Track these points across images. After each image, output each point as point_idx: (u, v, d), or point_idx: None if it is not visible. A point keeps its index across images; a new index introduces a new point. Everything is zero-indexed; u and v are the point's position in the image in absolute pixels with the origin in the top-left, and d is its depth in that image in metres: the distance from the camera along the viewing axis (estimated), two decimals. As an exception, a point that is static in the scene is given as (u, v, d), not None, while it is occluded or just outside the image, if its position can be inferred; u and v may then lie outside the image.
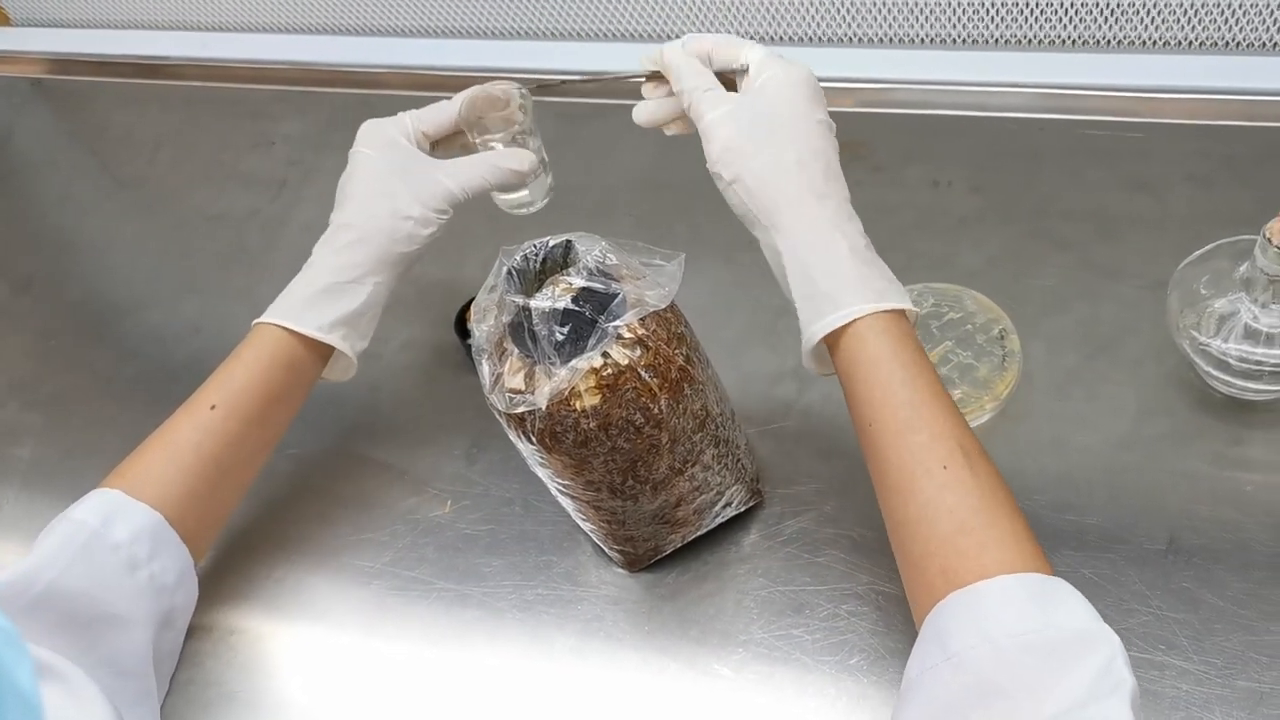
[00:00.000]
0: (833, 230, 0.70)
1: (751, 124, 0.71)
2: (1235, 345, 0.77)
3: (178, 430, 0.79)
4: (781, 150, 0.70)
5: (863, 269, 0.68)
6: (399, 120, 0.89)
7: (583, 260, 0.65)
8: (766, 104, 0.71)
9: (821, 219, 0.70)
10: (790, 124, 0.71)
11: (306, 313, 0.81)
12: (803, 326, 0.70)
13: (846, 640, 0.75)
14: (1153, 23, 1.01)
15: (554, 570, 0.83)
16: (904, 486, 0.64)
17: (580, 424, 0.65)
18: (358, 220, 0.83)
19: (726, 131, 0.71)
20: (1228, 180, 0.94)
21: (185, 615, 0.79)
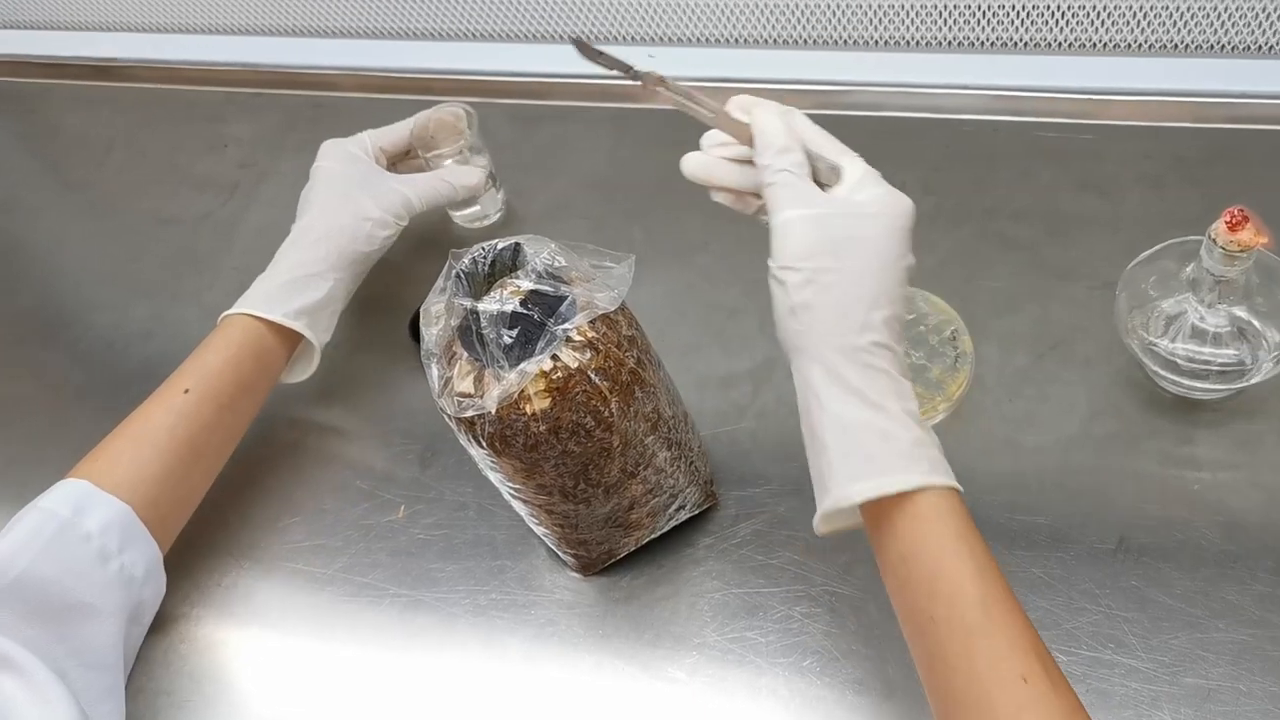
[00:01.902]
0: (891, 383, 0.61)
1: (838, 241, 0.61)
2: (1183, 345, 0.78)
3: (150, 416, 0.80)
4: (861, 282, 0.61)
5: (918, 432, 0.60)
6: (358, 138, 0.96)
7: (531, 263, 0.65)
8: (861, 226, 0.62)
9: (879, 368, 0.60)
10: (879, 257, 0.61)
11: (273, 302, 0.85)
12: (830, 482, 0.61)
13: (800, 642, 0.75)
14: (1104, 25, 1.02)
15: (508, 575, 0.83)
16: (975, 700, 0.55)
17: (530, 427, 0.65)
18: (320, 222, 0.89)
19: (810, 238, 0.61)
20: (1177, 181, 0.94)
21: (151, 610, 0.79)
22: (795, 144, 0.64)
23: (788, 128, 0.65)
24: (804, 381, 0.62)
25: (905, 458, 0.58)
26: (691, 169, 0.70)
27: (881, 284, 0.61)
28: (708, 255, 0.99)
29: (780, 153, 0.64)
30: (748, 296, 0.95)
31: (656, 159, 1.07)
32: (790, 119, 0.66)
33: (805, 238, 0.61)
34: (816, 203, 0.62)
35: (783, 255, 0.61)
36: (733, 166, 0.68)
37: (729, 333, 0.93)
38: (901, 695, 0.72)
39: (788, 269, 0.61)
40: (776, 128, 0.65)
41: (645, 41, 1.16)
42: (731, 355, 0.92)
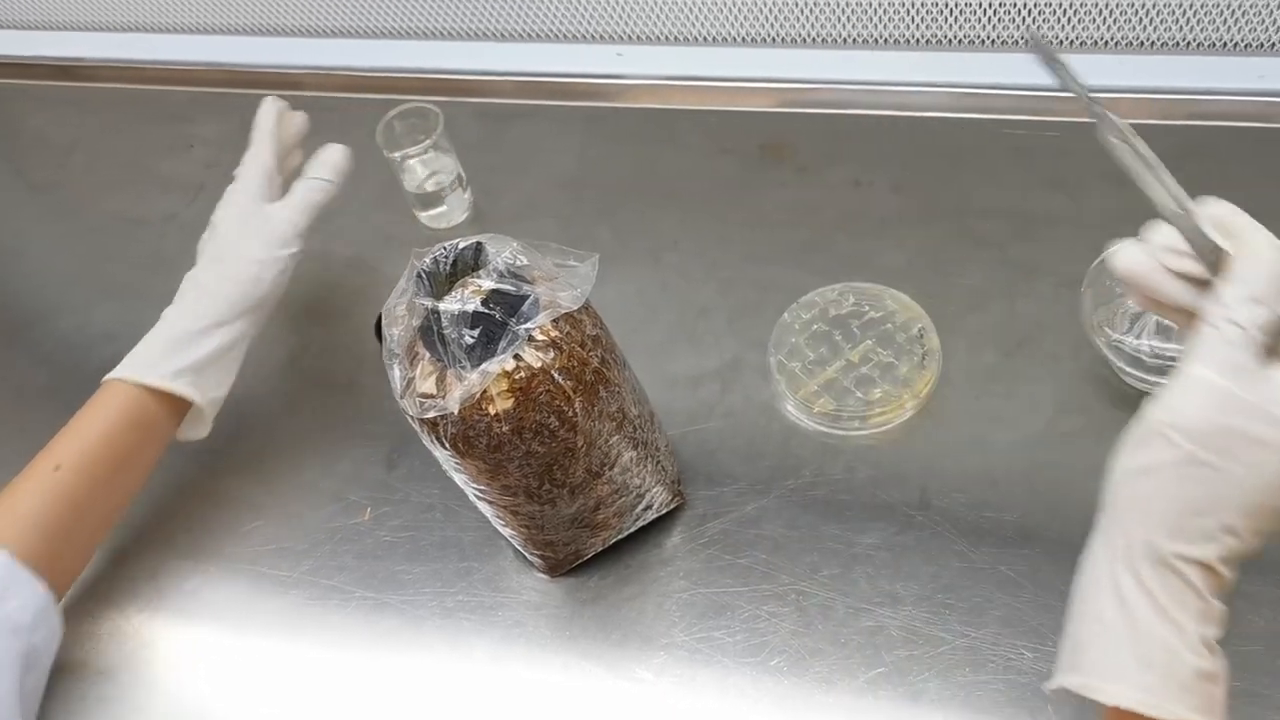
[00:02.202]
0: (1199, 604, 0.52)
1: (1235, 436, 0.49)
2: (1147, 341, 0.78)
3: (18, 494, 0.76)
4: (1229, 493, 0.50)
5: (1207, 664, 0.52)
6: (245, 172, 0.91)
7: (492, 262, 0.64)
8: (1273, 436, 0.49)
9: (1194, 586, 0.51)
10: (1266, 480, 0.50)
11: (152, 364, 0.81)
12: (1085, 662, 0.54)
13: (767, 641, 0.75)
14: (1070, 23, 1.02)
15: (474, 576, 0.82)
16: None
17: (493, 428, 0.64)
18: (202, 274, 0.86)
19: (1207, 415, 0.50)
20: (1142, 178, 0.95)
21: (48, 655, 0.76)
22: (1275, 298, 0.50)
23: (1276, 275, 0.50)
24: (1107, 546, 0.53)
25: (1182, 687, 0.51)
26: (1126, 267, 0.56)
27: (1250, 509, 0.50)
28: (678, 254, 0.99)
29: (1249, 302, 0.49)
30: (718, 295, 0.95)
31: (626, 157, 1.08)
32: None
33: (1202, 412, 0.50)
34: (1244, 383, 0.49)
35: (1170, 412, 0.51)
36: (1177, 283, 0.54)
37: (699, 331, 0.93)
38: (869, 695, 0.72)
39: (1168, 428, 0.50)
40: (1265, 271, 0.50)
41: (613, 40, 1.16)
42: (701, 354, 0.91)
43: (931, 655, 0.73)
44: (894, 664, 0.73)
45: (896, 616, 0.75)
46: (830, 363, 0.86)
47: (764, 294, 0.93)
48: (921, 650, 0.73)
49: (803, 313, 0.90)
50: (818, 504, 0.81)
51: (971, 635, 0.73)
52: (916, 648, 0.73)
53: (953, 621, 0.74)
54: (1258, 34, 0.99)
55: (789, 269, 0.95)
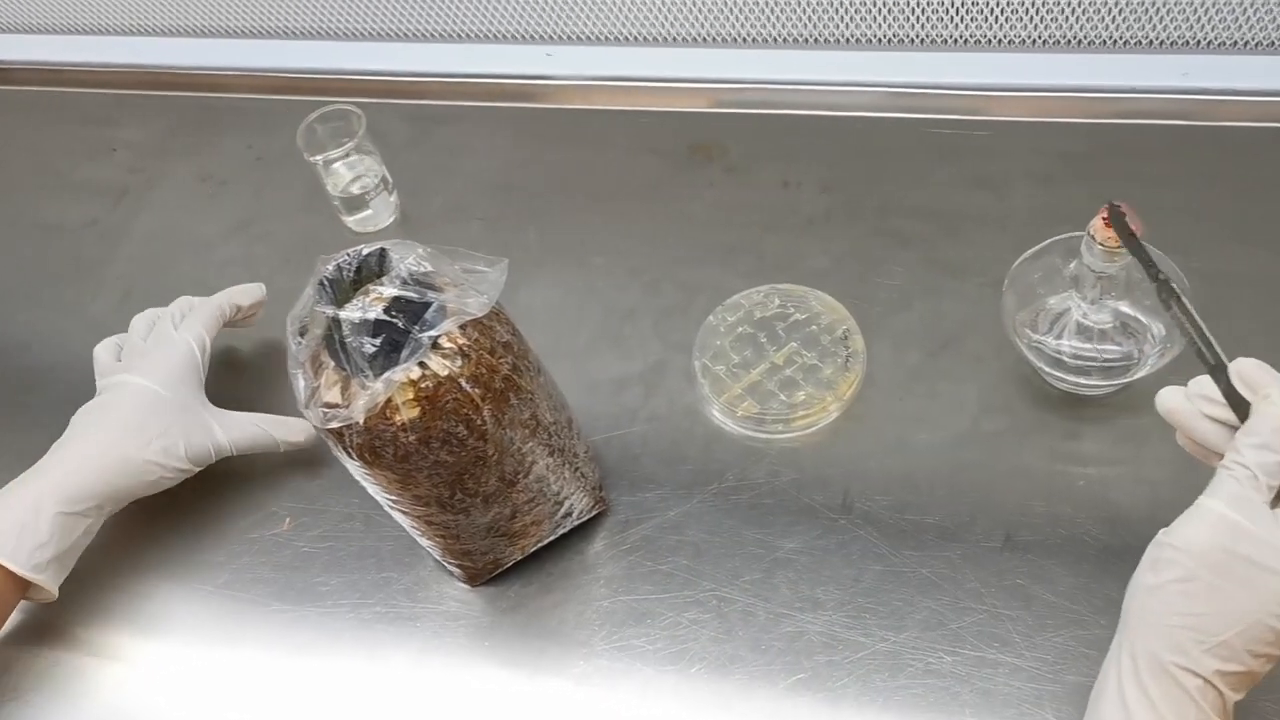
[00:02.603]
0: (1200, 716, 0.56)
1: (1236, 563, 0.54)
2: (1068, 342, 0.78)
3: None
4: (1226, 615, 0.55)
5: None
6: (187, 343, 0.85)
7: (396, 269, 0.63)
8: (1272, 563, 0.54)
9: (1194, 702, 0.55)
10: (1263, 605, 0.54)
11: (23, 544, 0.74)
12: None
13: (688, 649, 0.74)
14: (997, 21, 1.02)
15: (394, 587, 0.81)
16: None
17: (399, 438, 0.63)
18: (111, 456, 0.79)
19: (1211, 540, 0.55)
20: (1066, 176, 0.95)
21: None
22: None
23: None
24: (1117, 656, 0.58)
25: None
26: (1168, 407, 0.61)
27: (1244, 630, 0.54)
28: (605, 256, 0.98)
29: (1258, 448, 0.55)
30: (644, 297, 0.94)
31: (554, 159, 1.07)
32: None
33: (1208, 536, 0.55)
34: (1248, 514, 0.55)
35: (1176, 535, 0.56)
36: (1209, 425, 0.59)
37: (624, 335, 0.92)
38: (789, 701, 0.71)
39: (1175, 550, 0.56)
40: (1275, 423, 0.55)
41: (542, 40, 1.15)
42: (625, 358, 0.90)
43: (851, 660, 0.72)
44: (814, 670, 0.72)
45: (817, 621, 0.74)
46: (755, 365, 0.86)
47: (691, 296, 0.93)
48: (841, 655, 0.72)
49: (728, 315, 0.89)
50: (740, 508, 0.80)
51: (892, 639, 0.73)
52: (836, 653, 0.73)
53: (873, 626, 0.73)
54: (1183, 32, 0.99)
55: (716, 270, 0.94)
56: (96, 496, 0.78)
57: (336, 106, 0.98)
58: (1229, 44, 0.99)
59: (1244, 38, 0.98)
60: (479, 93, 1.14)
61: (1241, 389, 0.58)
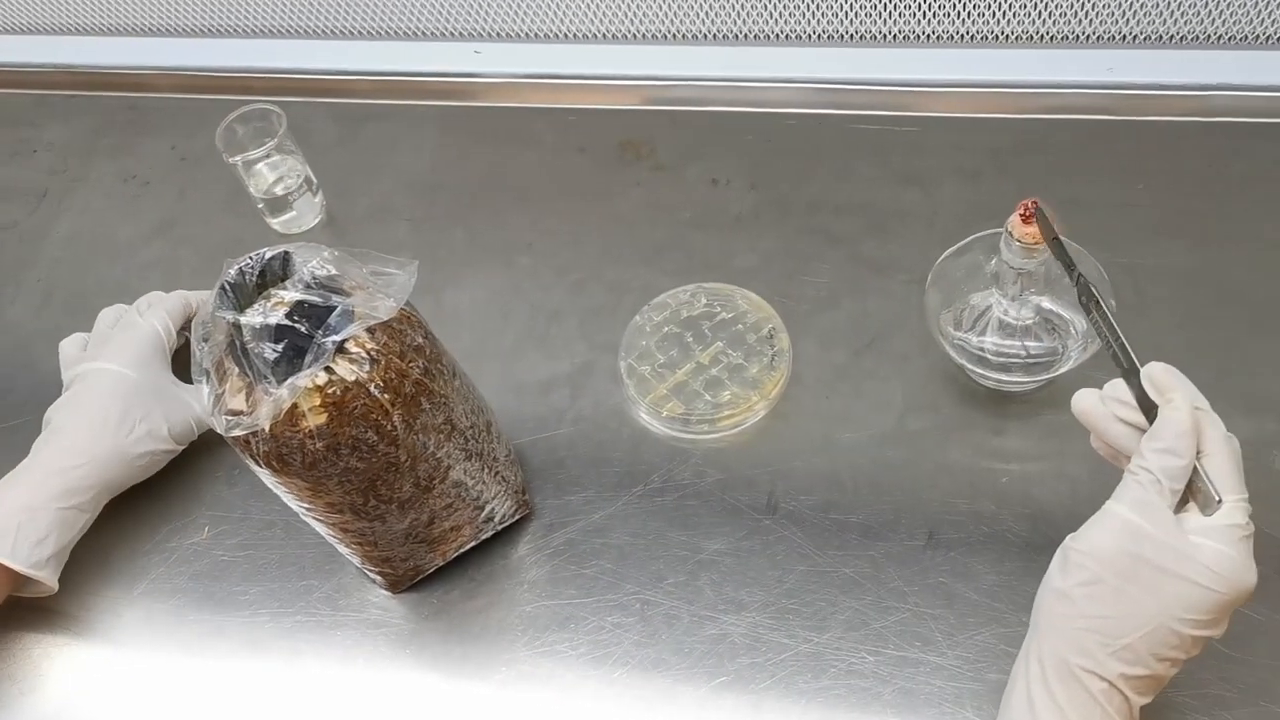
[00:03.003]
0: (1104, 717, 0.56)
1: (1140, 565, 0.55)
2: (991, 339, 0.78)
3: None
4: (1133, 617, 0.55)
5: None
6: (150, 325, 0.84)
7: (299, 272, 0.62)
8: (1175, 566, 0.54)
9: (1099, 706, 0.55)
10: (1168, 606, 0.54)
11: (21, 541, 0.74)
12: None
13: (610, 653, 0.74)
14: (925, 17, 1.02)
15: (314, 595, 0.79)
16: None
17: (307, 445, 0.62)
18: (101, 448, 0.79)
19: (1115, 545, 0.55)
20: (993, 172, 0.95)
21: None
22: (1186, 452, 0.55)
23: (1188, 432, 0.55)
24: (1026, 660, 0.58)
25: None
26: (1080, 409, 0.61)
27: (1148, 633, 0.54)
28: (531, 256, 0.97)
29: (1161, 453, 0.55)
30: (571, 297, 0.93)
31: (482, 157, 1.06)
32: (1204, 425, 0.56)
33: (1112, 540, 0.55)
34: (1151, 518, 0.55)
35: (1082, 540, 0.57)
36: (1120, 428, 0.59)
37: (550, 336, 0.91)
38: (712, 705, 0.71)
39: (1081, 554, 0.56)
40: (1178, 428, 0.55)
41: (470, 37, 1.14)
42: (552, 359, 0.89)
43: (774, 662, 0.72)
44: (737, 672, 0.72)
45: (741, 623, 0.73)
46: (680, 365, 0.85)
47: (618, 296, 0.92)
48: (764, 657, 0.72)
49: (654, 314, 0.88)
50: (666, 510, 0.79)
51: (814, 640, 0.72)
52: (759, 654, 0.72)
53: (796, 627, 0.73)
54: (1107, 26, 0.99)
55: (643, 270, 0.93)
56: (92, 489, 0.78)
57: (256, 106, 0.97)
58: (1154, 38, 0.99)
59: (1169, 32, 0.98)
60: (407, 91, 1.13)
61: (1151, 393, 0.58)
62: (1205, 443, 0.56)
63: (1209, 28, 0.97)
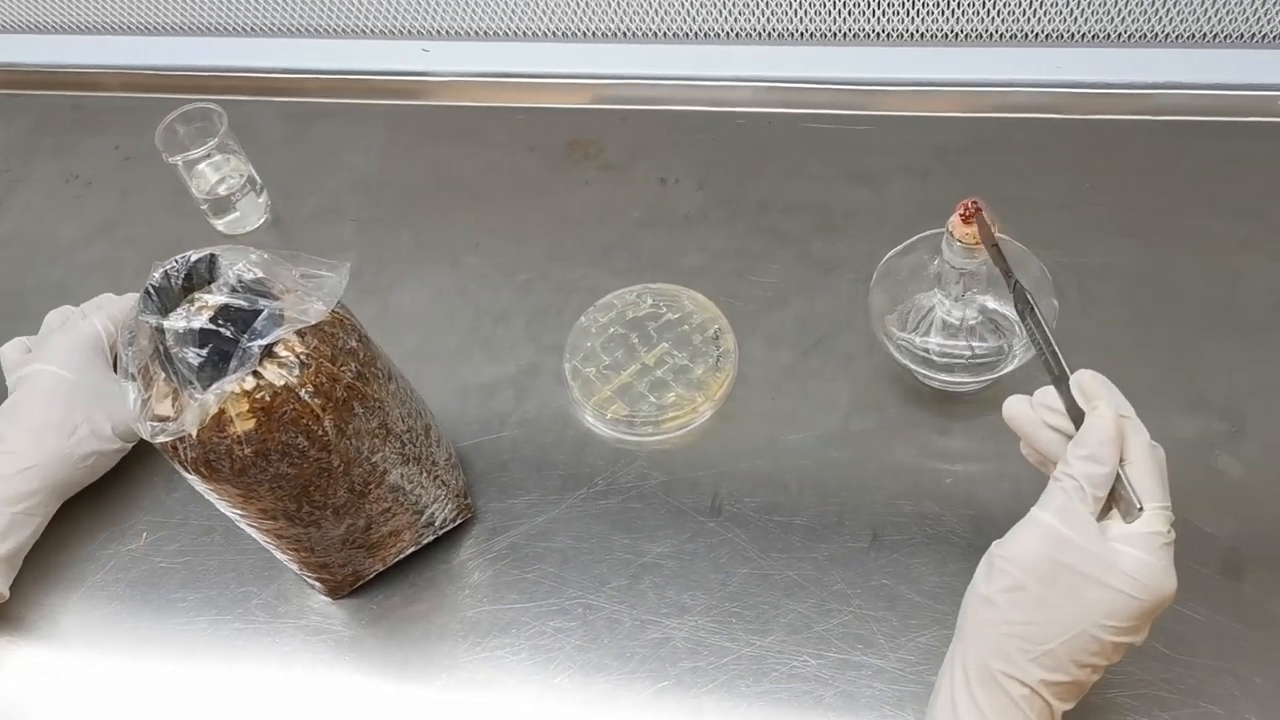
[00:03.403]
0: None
1: (1061, 571, 0.54)
2: (934, 339, 0.78)
3: None
4: (1054, 624, 0.55)
5: None
6: (92, 322, 0.83)
7: (224, 275, 0.60)
8: (1097, 573, 0.54)
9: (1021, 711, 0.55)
10: (1089, 614, 0.54)
11: None
12: None
13: (552, 658, 0.73)
14: (875, 16, 1.02)
15: (252, 602, 0.78)
16: None
17: (235, 451, 0.61)
18: (45, 451, 0.78)
19: (1039, 551, 0.55)
20: (942, 171, 0.95)
21: None
22: (1109, 459, 0.55)
23: (1113, 439, 0.55)
24: (951, 664, 0.58)
25: None
26: (1010, 415, 0.61)
27: (1070, 639, 0.54)
28: (478, 256, 0.96)
29: (1085, 460, 0.55)
30: (517, 298, 0.92)
31: (430, 157, 1.05)
32: (1129, 433, 0.56)
33: (1035, 547, 0.55)
34: (1073, 525, 0.55)
35: (1008, 546, 0.56)
36: (1049, 434, 0.59)
37: (496, 337, 0.90)
38: (653, 710, 0.70)
39: (1005, 560, 0.56)
40: (1102, 435, 0.55)
41: (419, 35, 1.13)
42: (497, 360, 0.88)
43: (716, 666, 0.71)
44: (678, 677, 0.71)
45: (683, 627, 0.73)
46: (625, 367, 0.84)
47: (565, 296, 0.91)
48: (706, 661, 0.71)
49: (600, 315, 0.87)
50: (610, 513, 0.79)
51: (757, 643, 0.71)
52: (702, 659, 0.71)
53: (739, 630, 0.72)
54: (1056, 25, 0.99)
55: (590, 270, 0.92)
56: (39, 493, 0.77)
57: (197, 105, 0.95)
58: (1102, 37, 0.99)
59: (1116, 30, 0.98)
60: (355, 89, 1.11)
61: (1079, 400, 0.58)
62: (1129, 450, 0.56)
63: (1156, 26, 0.97)
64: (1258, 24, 0.96)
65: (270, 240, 1.00)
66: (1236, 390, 0.79)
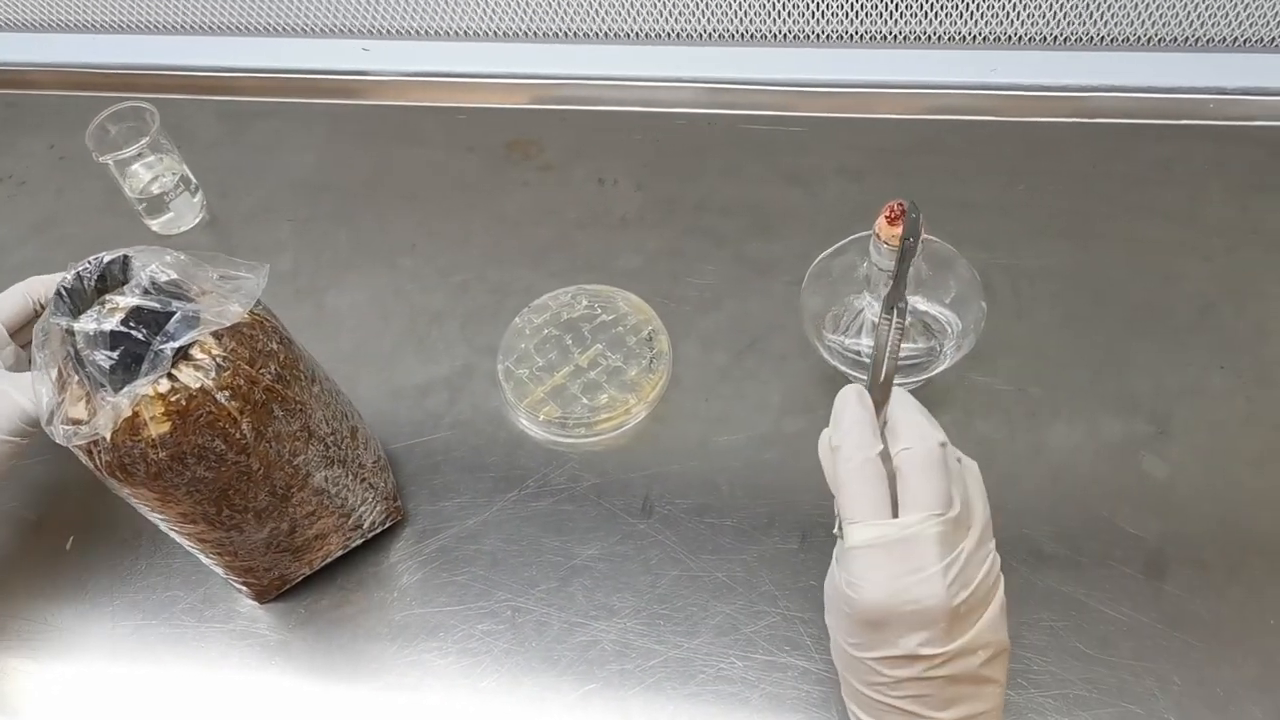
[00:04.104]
0: None
1: (831, 593, 0.58)
2: (865, 341, 0.78)
3: None
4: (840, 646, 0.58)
5: None
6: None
7: (137, 276, 0.60)
8: (836, 594, 0.57)
9: None
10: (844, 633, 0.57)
11: None
12: None
13: (480, 662, 0.72)
14: (816, 16, 1.02)
15: (179, 606, 0.77)
16: None
17: (149, 455, 0.60)
18: None
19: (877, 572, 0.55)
20: (878, 172, 0.95)
21: None
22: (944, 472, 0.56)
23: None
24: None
25: None
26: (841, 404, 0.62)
27: (849, 665, 0.57)
28: (414, 258, 0.95)
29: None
30: (453, 300, 0.92)
31: (369, 156, 1.04)
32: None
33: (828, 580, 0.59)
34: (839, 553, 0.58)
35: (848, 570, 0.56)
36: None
37: (431, 338, 0.89)
38: (579, 712, 0.70)
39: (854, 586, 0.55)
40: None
41: (359, 34, 1.12)
42: (431, 362, 0.88)
43: (643, 668, 0.71)
44: (605, 679, 0.71)
45: (611, 630, 0.73)
46: (559, 368, 0.84)
47: (500, 298, 0.91)
48: (633, 664, 0.71)
49: (534, 317, 0.87)
50: (540, 515, 0.78)
51: (685, 646, 0.71)
52: (629, 661, 0.71)
53: (667, 632, 0.72)
54: (992, 28, 1.00)
55: (527, 271, 0.92)
56: None
57: (129, 104, 0.94)
58: (1038, 40, 1.00)
59: (1051, 33, 0.99)
60: (294, 89, 1.11)
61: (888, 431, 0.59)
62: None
63: (1091, 30, 0.98)
64: (1191, 28, 0.97)
65: (205, 241, 0.99)
66: (1165, 392, 0.79)
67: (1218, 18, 0.96)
